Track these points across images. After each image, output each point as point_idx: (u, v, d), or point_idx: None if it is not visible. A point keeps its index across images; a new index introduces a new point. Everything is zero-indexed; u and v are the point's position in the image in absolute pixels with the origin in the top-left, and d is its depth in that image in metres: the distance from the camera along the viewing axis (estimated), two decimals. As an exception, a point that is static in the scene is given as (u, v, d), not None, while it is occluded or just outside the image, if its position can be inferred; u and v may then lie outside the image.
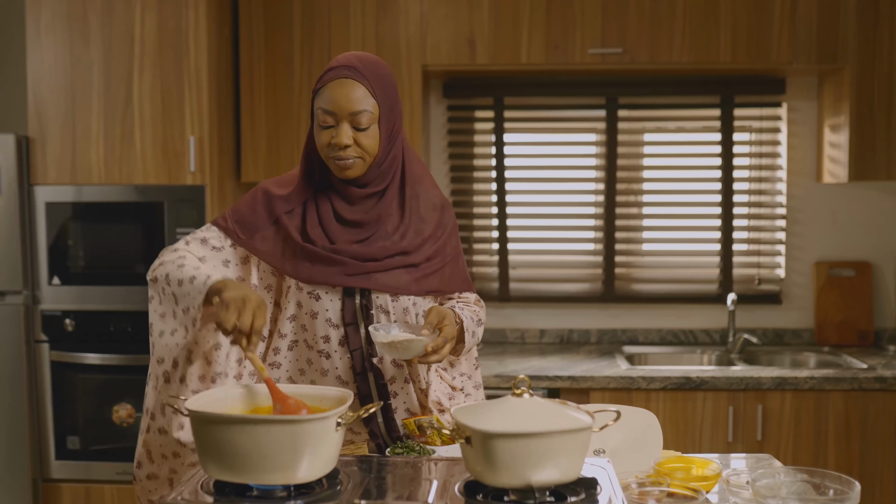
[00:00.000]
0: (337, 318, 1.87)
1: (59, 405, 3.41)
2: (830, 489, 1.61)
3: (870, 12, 3.40)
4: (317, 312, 1.87)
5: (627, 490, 1.64)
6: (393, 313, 1.88)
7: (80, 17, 3.32)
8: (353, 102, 1.79)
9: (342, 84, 1.80)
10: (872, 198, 3.82)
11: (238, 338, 1.60)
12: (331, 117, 1.80)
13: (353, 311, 1.86)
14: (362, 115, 1.80)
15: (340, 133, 1.79)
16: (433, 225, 1.95)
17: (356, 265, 1.85)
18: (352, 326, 1.86)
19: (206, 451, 1.41)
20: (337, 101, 1.79)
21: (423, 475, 1.53)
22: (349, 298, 1.86)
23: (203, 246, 1.89)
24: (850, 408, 3.20)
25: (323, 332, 1.87)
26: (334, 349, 1.88)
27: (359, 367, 1.88)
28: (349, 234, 1.87)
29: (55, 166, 3.36)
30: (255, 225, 1.89)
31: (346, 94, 1.79)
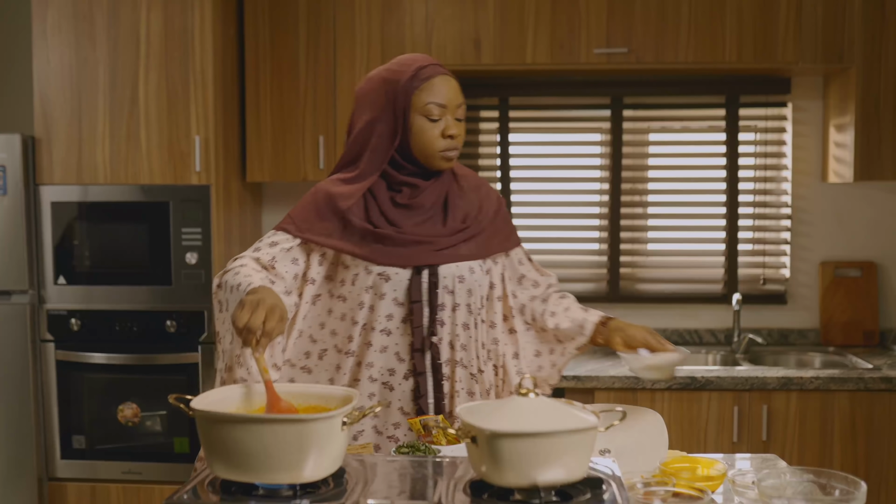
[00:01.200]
0: (403, 296, 1.95)
1: (64, 404, 3.42)
2: (836, 489, 1.61)
3: (875, 12, 3.40)
4: (384, 293, 1.94)
5: (633, 490, 1.64)
6: (457, 293, 1.98)
7: (85, 17, 3.32)
8: (458, 95, 1.97)
9: (447, 80, 1.97)
10: (878, 198, 3.81)
11: (247, 337, 1.62)
12: (442, 110, 1.94)
13: (420, 289, 1.94)
14: (462, 107, 1.99)
15: (452, 125, 1.95)
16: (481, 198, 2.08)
17: (426, 244, 1.96)
18: (417, 304, 1.95)
19: (212, 451, 1.41)
20: (447, 94, 1.95)
21: (429, 474, 1.53)
22: (417, 276, 1.95)
23: (272, 248, 1.97)
24: (855, 408, 3.20)
25: (388, 310, 1.95)
26: (396, 326, 1.96)
27: (418, 344, 1.95)
28: (408, 216, 1.97)
29: (61, 166, 3.37)
30: (319, 220, 1.97)
31: (454, 88, 1.97)
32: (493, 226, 2.07)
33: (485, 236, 2.04)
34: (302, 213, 2.00)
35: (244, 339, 1.62)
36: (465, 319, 2.00)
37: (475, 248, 2.02)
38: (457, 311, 1.98)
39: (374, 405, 1.48)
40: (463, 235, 2.00)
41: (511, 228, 2.14)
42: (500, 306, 2.12)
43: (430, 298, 1.96)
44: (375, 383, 1.98)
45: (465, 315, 2.00)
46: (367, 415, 1.46)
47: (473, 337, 2.02)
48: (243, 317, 1.62)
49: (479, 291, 2.02)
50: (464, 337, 2.00)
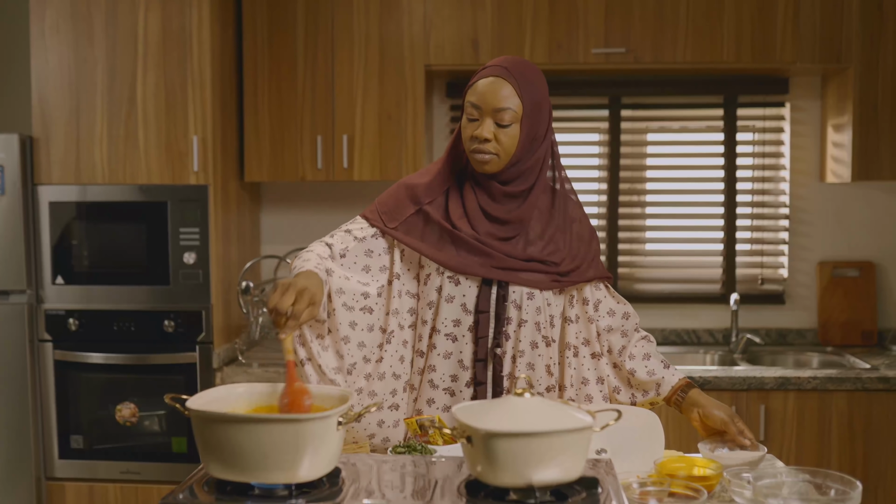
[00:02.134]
0: (472, 305, 1.95)
1: (62, 404, 3.42)
2: (832, 489, 1.61)
3: (873, 12, 3.40)
4: (453, 297, 1.95)
5: (629, 490, 1.64)
6: (525, 310, 1.95)
7: (84, 18, 3.33)
8: (499, 99, 1.87)
9: (491, 82, 1.88)
10: (876, 198, 3.81)
11: (276, 318, 1.65)
12: (477, 111, 1.89)
13: (488, 301, 1.94)
14: (505, 112, 1.87)
15: (483, 127, 1.88)
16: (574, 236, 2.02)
17: (501, 258, 1.93)
18: (484, 314, 1.94)
19: (208, 450, 1.41)
20: (484, 95, 1.88)
21: (425, 474, 1.53)
22: (486, 287, 1.94)
23: (347, 236, 1.98)
24: (853, 408, 3.20)
25: (455, 315, 1.95)
26: (462, 334, 1.96)
27: (481, 355, 1.95)
28: (492, 228, 1.95)
29: (59, 166, 3.37)
30: (399, 213, 1.98)
31: (494, 91, 1.87)
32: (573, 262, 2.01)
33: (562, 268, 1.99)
34: (382, 204, 2.01)
35: (273, 320, 1.66)
36: (532, 337, 1.97)
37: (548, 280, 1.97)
38: (523, 326, 1.96)
39: (370, 405, 1.48)
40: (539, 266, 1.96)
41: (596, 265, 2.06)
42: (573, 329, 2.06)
43: (497, 311, 1.95)
44: (437, 389, 1.98)
45: (533, 332, 1.97)
46: (363, 414, 1.46)
47: (544, 356, 1.99)
48: (274, 298, 1.65)
49: (548, 311, 1.99)
50: (530, 355, 1.98)
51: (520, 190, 1.95)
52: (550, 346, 2.00)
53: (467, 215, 1.95)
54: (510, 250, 1.94)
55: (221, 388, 1.59)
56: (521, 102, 1.88)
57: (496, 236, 1.95)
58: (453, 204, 1.96)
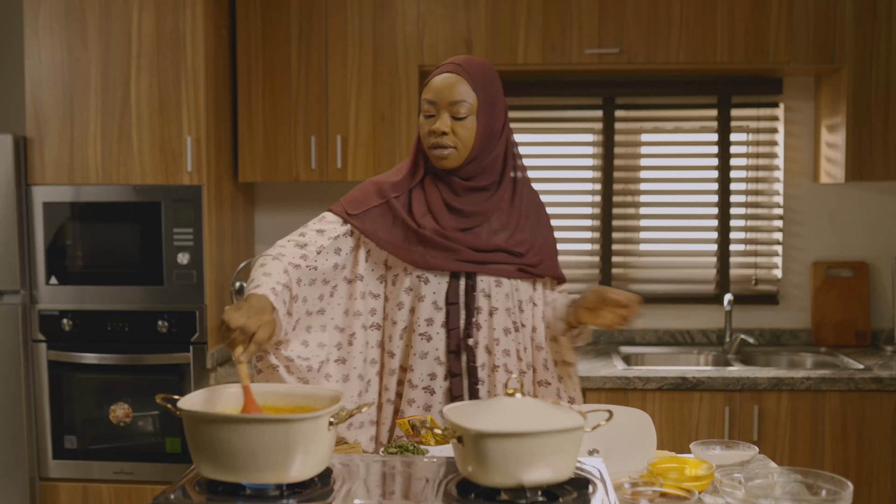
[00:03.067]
0: (442, 300, 1.95)
1: (56, 405, 3.41)
2: (823, 489, 1.61)
3: (867, 13, 3.41)
4: (424, 295, 1.96)
5: (620, 490, 1.64)
6: (495, 297, 1.97)
7: (77, 18, 3.32)
8: (454, 93, 1.91)
9: (446, 77, 1.94)
10: (870, 198, 3.82)
11: (239, 337, 1.62)
12: (432, 107, 1.93)
13: (457, 293, 1.96)
14: (461, 105, 1.91)
15: (440, 121, 1.92)
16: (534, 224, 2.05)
17: (466, 252, 1.95)
18: (454, 306, 1.96)
19: (199, 451, 1.41)
20: (439, 90, 1.92)
21: (416, 474, 1.53)
22: (455, 280, 1.96)
23: (320, 236, 1.97)
24: (846, 408, 3.21)
25: (428, 314, 1.96)
26: (436, 331, 1.97)
27: (453, 346, 1.96)
28: (456, 221, 1.97)
29: (53, 166, 3.36)
30: (364, 204, 1.99)
31: (449, 86, 1.92)
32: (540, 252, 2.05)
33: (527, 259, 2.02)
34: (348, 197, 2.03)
35: (234, 338, 1.62)
36: (505, 324, 1.99)
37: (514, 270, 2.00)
38: (494, 315, 1.98)
39: (361, 405, 1.48)
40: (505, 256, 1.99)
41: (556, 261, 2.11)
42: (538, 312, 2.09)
43: (467, 301, 1.97)
44: (416, 389, 1.98)
45: (505, 319, 1.99)
46: (354, 414, 1.46)
47: (517, 341, 2.01)
48: (239, 319, 1.62)
49: (516, 296, 2.01)
50: (505, 342, 1.99)
51: (481, 185, 1.98)
52: (520, 331, 2.03)
53: (431, 211, 1.97)
54: (474, 242, 1.96)
55: (213, 389, 1.59)
56: (476, 96, 1.93)
57: (460, 228, 1.97)
58: (416, 201, 1.99)
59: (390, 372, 2.00)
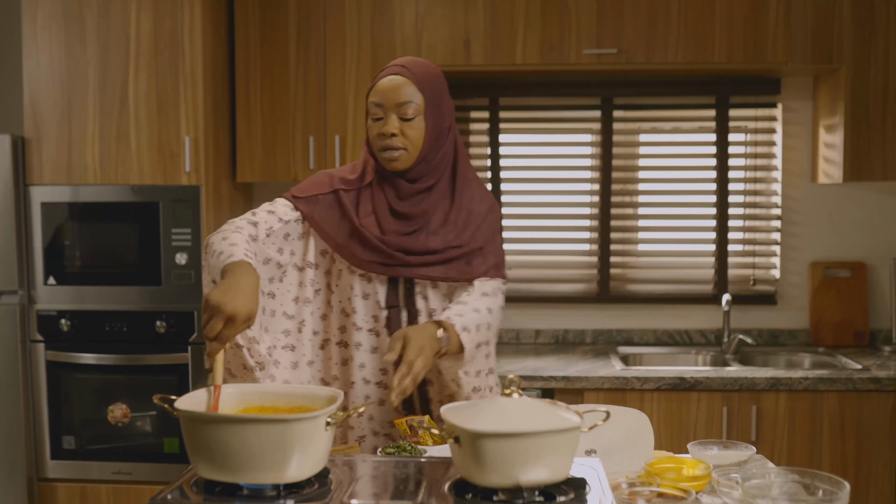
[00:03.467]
0: (384, 301, 1.99)
1: (54, 405, 3.41)
2: (820, 489, 1.61)
3: (865, 13, 3.41)
4: (368, 294, 1.98)
5: (618, 490, 1.65)
6: (432, 299, 1.99)
7: (76, 18, 3.32)
8: (401, 94, 1.93)
9: (391, 80, 1.95)
10: (868, 198, 3.82)
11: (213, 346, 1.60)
12: (380, 109, 1.94)
13: (397, 295, 1.98)
14: (408, 105, 1.93)
15: (388, 123, 1.93)
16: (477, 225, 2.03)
17: (401, 257, 1.95)
18: (394, 309, 1.98)
19: (196, 451, 1.41)
20: (385, 93, 1.93)
21: (414, 475, 1.53)
22: (394, 283, 1.98)
23: (271, 216, 1.97)
24: (844, 408, 3.21)
25: (373, 311, 1.99)
26: (383, 327, 1.99)
27: None
28: (398, 225, 1.98)
29: (51, 166, 3.36)
30: (312, 190, 2.00)
31: (395, 87, 1.93)
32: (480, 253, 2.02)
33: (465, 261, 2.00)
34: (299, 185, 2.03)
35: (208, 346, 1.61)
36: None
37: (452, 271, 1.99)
38: (433, 316, 1.99)
39: (358, 406, 1.49)
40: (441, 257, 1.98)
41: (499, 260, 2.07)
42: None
43: (406, 304, 1.98)
44: (369, 385, 2.00)
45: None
46: (352, 415, 1.46)
47: None
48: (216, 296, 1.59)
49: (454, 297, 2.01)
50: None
51: (428, 185, 1.99)
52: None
53: (375, 214, 1.98)
54: (412, 245, 1.96)
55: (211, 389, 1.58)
56: (423, 96, 1.94)
57: (400, 232, 1.97)
58: (363, 202, 1.99)
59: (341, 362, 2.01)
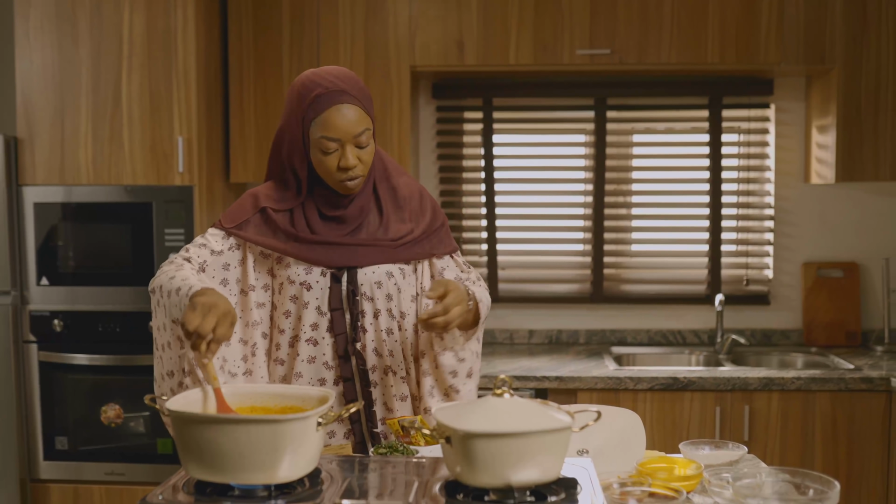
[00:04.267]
0: (325, 306, 1.95)
1: (47, 405, 3.41)
2: (811, 489, 1.62)
3: (857, 14, 3.42)
4: (307, 302, 1.95)
5: (609, 490, 1.65)
6: (377, 299, 1.96)
7: (68, 18, 3.32)
8: (355, 125, 1.87)
9: (339, 109, 1.87)
10: (860, 198, 3.83)
11: (196, 342, 1.60)
12: (335, 143, 1.87)
13: (340, 297, 1.95)
14: (365, 134, 1.89)
15: (347, 156, 1.87)
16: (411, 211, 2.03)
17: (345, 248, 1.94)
18: (338, 312, 1.95)
19: (187, 451, 1.41)
20: (341, 127, 1.86)
21: (405, 475, 1.53)
22: (336, 285, 1.94)
23: (202, 250, 1.96)
24: (836, 408, 3.22)
25: (312, 320, 1.96)
26: (322, 335, 1.96)
27: (341, 351, 1.96)
28: (335, 230, 1.96)
29: (44, 167, 3.36)
30: (241, 215, 1.97)
31: (349, 120, 1.86)
32: (423, 235, 2.03)
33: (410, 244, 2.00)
34: (227, 212, 2.01)
35: (193, 343, 1.61)
36: (388, 325, 1.99)
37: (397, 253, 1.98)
38: (379, 317, 1.97)
39: (350, 406, 1.49)
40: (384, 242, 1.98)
41: (445, 238, 2.07)
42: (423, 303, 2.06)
43: (350, 306, 1.95)
44: None
45: (388, 320, 1.98)
46: (343, 415, 1.46)
47: (399, 340, 2.00)
48: (194, 320, 1.60)
49: (399, 296, 1.99)
50: (389, 342, 1.99)
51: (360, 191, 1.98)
52: (405, 330, 2.01)
53: (309, 225, 1.96)
54: (351, 240, 1.95)
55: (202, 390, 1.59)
56: (370, 117, 1.91)
57: (341, 233, 1.96)
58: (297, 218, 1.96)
59: (279, 379, 1.99)
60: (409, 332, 2.02)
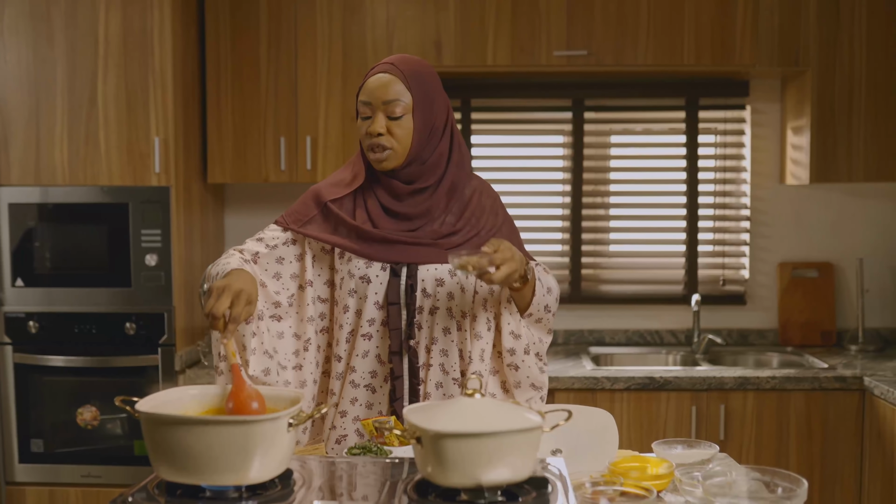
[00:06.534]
0: (382, 299, 1.95)
1: (22, 408, 3.38)
2: (779, 487, 1.63)
3: (830, 16, 3.45)
4: (366, 296, 1.95)
5: (581, 489, 1.66)
6: (438, 296, 1.95)
7: (43, 17, 3.30)
8: (387, 92, 1.90)
9: (381, 77, 1.92)
10: (834, 199, 3.87)
11: (213, 323, 1.66)
12: (368, 108, 1.92)
13: (398, 292, 1.95)
14: (396, 104, 1.90)
15: (375, 122, 1.90)
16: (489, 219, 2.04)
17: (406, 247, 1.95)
18: (395, 307, 1.95)
19: (158, 453, 1.41)
20: (373, 91, 1.91)
21: (377, 475, 1.53)
22: (395, 279, 1.94)
23: (258, 243, 2.00)
24: (811, 407, 3.24)
25: (370, 314, 1.96)
26: (377, 329, 1.97)
27: (395, 347, 1.95)
28: (397, 225, 1.97)
29: (18, 167, 3.34)
30: (304, 213, 2.00)
31: (382, 86, 1.91)
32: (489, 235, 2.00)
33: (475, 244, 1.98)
34: (290, 209, 2.04)
35: (210, 324, 1.66)
36: (445, 323, 1.97)
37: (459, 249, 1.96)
38: (435, 314, 1.96)
39: (320, 406, 1.49)
40: (447, 242, 1.97)
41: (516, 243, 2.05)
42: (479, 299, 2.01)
43: (408, 301, 1.95)
44: (358, 388, 1.98)
45: (446, 319, 1.97)
46: (315, 416, 1.46)
47: (457, 340, 1.98)
48: (209, 303, 1.66)
49: (462, 296, 1.97)
50: (443, 341, 1.97)
51: (425, 185, 1.97)
52: (462, 331, 1.99)
53: (371, 218, 1.97)
54: (418, 237, 1.96)
55: (174, 391, 1.58)
56: (411, 94, 1.91)
57: (401, 230, 1.96)
58: (359, 209, 1.98)
59: (337, 376, 2.00)
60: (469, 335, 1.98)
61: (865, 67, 3.46)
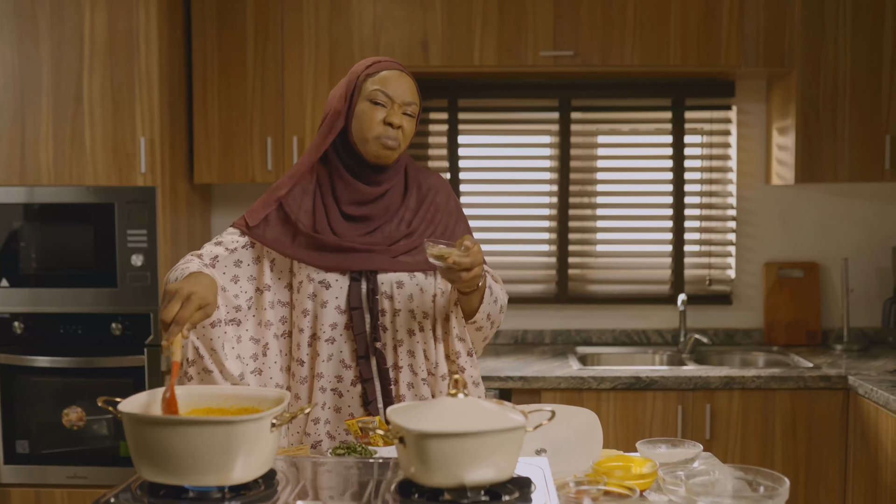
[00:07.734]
0: (344, 304, 1.95)
1: (8, 409, 3.37)
2: (761, 486, 1.64)
3: (815, 17, 3.47)
4: (326, 301, 1.95)
5: (565, 489, 1.66)
6: (397, 299, 1.96)
7: (28, 16, 3.28)
8: (409, 93, 1.95)
9: (401, 76, 1.96)
10: (820, 199, 3.88)
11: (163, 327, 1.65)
12: (387, 99, 1.93)
13: (360, 296, 1.95)
14: (412, 107, 1.96)
15: (396, 114, 1.93)
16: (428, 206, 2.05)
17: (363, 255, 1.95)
18: (357, 311, 1.95)
19: (140, 453, 1.41)
20: (398, 87, 1.94)
21: (361, 476, 1.54)
22: (356, 283, 1.95)
23: (217, 247, 1.98)
24: (796, 406, 3.26)
25: (331, 319, 1.95)
26: (339, 333, 1.96)
27: (361, 351, 1.95)
28: (356, 229, 1.97)
29: (3, 167, 3.32)
30: (262, 211, 1.99)
31: (405, 84, 1.95)
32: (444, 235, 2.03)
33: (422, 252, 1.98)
34: (249, 209, 2.02)
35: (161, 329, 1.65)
36: (409, 325, 1.98)
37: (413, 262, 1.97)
38: (398, 316, 1.97)
39: (304, 406, 1.49)
40: (405, 245, 1.98)
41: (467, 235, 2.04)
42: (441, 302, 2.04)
43: (370, 305, 1.95)
44: (326, 393, 1.98)
45: (409, 320, 1.97)
46: (297, 416, 1.46)
47: (421, 341, 1.99)
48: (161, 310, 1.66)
49: (421, 296, 1.98)
50: (409, 342, 1.98)
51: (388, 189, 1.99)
52: (425, 331, 2.00)
53: (330, 225, 1.97)
54: (373, 241, 1.96)
55: (157, 391, 1.58)
56: (418, 102, 1.99)
57: (359, 233, 1.97)
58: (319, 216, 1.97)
59: (301, 380, 1.99)
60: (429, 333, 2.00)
61: (850, 68, 3.48)
